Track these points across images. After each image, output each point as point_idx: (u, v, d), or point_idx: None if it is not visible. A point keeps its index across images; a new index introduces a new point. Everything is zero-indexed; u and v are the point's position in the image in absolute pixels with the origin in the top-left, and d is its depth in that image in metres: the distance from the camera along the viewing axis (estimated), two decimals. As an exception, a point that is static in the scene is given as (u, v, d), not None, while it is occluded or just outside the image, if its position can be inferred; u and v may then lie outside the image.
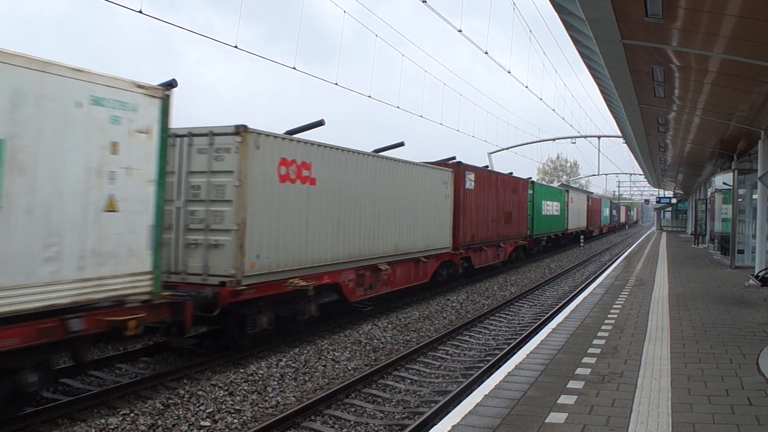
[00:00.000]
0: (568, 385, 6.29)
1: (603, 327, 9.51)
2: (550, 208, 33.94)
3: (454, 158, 19.85)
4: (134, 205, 7.79)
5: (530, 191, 29.20)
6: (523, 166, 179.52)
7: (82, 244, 7.12)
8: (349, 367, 10.22)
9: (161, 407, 7.91)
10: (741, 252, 20.62)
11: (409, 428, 7.26)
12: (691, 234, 41.45)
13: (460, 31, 15.73)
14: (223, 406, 8.06)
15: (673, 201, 61.31)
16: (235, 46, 11.90)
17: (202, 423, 7.50)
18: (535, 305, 17.38)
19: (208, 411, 7.87)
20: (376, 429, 7.56)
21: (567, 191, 39.55)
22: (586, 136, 49.43)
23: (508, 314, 15.77)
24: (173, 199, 10.08)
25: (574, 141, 49.28)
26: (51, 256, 6.77)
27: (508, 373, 6.83)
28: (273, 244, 10.65)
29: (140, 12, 9.73)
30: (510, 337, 12.95)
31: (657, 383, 6.37)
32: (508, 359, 8.46)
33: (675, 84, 12.90)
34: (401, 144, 16.08)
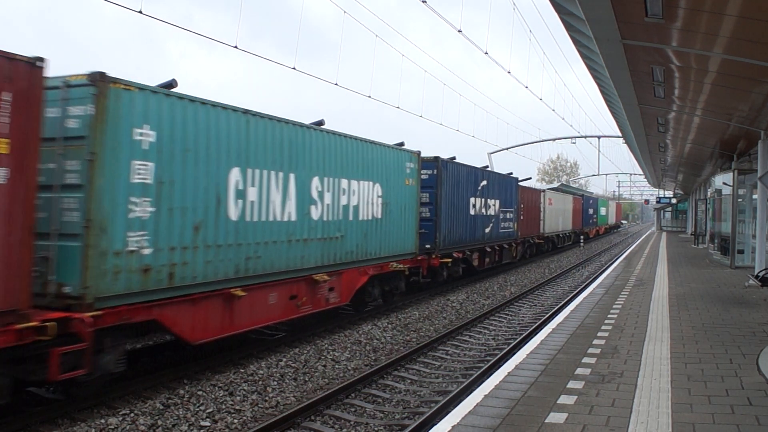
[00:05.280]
0: (568, 385, 6.29)
1: (603, 327, 9.51)
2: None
3: (454, 158, 19.83)
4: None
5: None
6: (524, 166, 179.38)
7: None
8: (349, 367, 10.22)
9: (161, 407, 7.91)
10: (741, 252, 20.62)
11: (409, 428, 7.26)
12: (691, 234, 41.46)
13: (460, 31, 15.74)
14: (223, 406, 8.06)
15: (673, 201, 61.28)
16: (235, 47, 11.92)
17: (202, 423, 7.50)
18: (535, 305, 17.38)
19: (208, 411, 7.88)
20: (376, 429, 7.56)
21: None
22: (586, 136, 49.47)
23: (508, 314, 15.77)
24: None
25: (574, 141, 49.31)
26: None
27: (508, 373, 6.83)
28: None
29: (140, 12, 9.73)
30: (510, 337, 12.95)
31: (657, 383, 6.37)
32: (508, 359, 8.46)
33: (675, 84, 12.90)
34: (401, 144, 16.05)
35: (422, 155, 16.78)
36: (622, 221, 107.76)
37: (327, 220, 11.88)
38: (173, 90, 8.73)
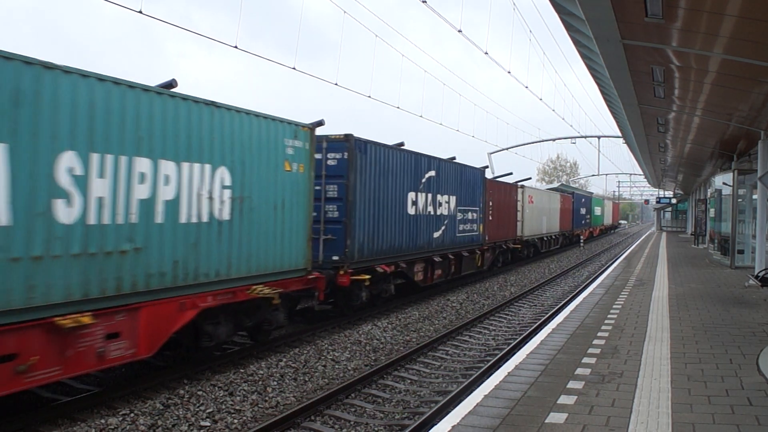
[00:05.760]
0: (568, 386, 6.30)
1: (603, 327, 9.51)
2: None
3: (454, 158, 19.82)
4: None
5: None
6: (524, 166, 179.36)
7: None
8: (349, 367, 10.22)
9: (161, 407, 7.91)
10: (741, 252, 20.63)
11: (409, 428, 7.26)
12: (691, 234, 41.47)
13: (460, 31, 15.74)
14: (223, 406, 8.06)
15: (673, 201, 61.31)
16: (235, 47, 11.92)
17: (202, 423, 7.50)
18: (535, 305, 17.38)
19: (208, 411, 7.88)
20: (376, 429, 7.56)
21: None
22: (586, 137, 49.48)
23: (508, 314, 15.77)
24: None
25: (574, 141, 49.32)
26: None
27: (508, 373, 6.83)
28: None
29: (140, 12, 9.74)
30: (510, 337, 12.95)
31: (657, 383, 6.37)
32: (508, 359, 8.46)
33: (675, 84, 12.90)
34: (401, 144, 16.05)
35: (333, 133, 13.11)
36: (622, 221, 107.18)
37: (99, 224, 7.38)
38: (172, 90, 8.60)
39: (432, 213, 17.37)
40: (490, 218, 23.01)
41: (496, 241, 24.09)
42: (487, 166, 24.29)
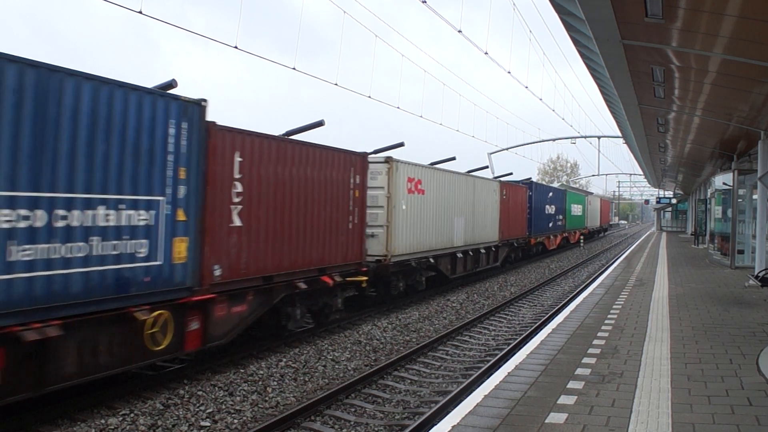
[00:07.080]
0: (568, 386, 6.29)
1: (603, 327, 9.51)
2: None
3: (453, 158, 19.79)
4: None
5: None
6: (524, 166, 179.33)
7: None
8: (349, 368, 10.22)
9: (161, 407, 7.91)
10: (741, 252, 20.63)
11: (409, 428, 7.26)
12: (691, 234, 41.47)
13: (460, 31, 15.72)
14: (223, 407, 8.06)
15: (673, 201, 61.30)
16: (235, 47, 11.91)
17: (202, 423, 7.50)
18: (535, 305, 17.38)
19: (208, 411, 7.88)
20: (376, 429, 7.56)
21: None
22: (586, 137, 49.46)
23: (508, 314, 15.77)
24: None
25: (574, 141, 49.28)
26: None
27: (508, 373, 6.83)
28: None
29: (140, 12, 9.73)
30: (510, 337, 12.95)
31: (657, 383, 6.37)
32: (508, 359, 8.45)
33: (675, 84, 12.90)
34: (401, 144, 16.06)
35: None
36: (622, 221, 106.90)
37: None
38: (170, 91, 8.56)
39: None
40: (239, 224, 9.73)
41: (265, 275, 10.35)
42: (486, 166, 24.22)
